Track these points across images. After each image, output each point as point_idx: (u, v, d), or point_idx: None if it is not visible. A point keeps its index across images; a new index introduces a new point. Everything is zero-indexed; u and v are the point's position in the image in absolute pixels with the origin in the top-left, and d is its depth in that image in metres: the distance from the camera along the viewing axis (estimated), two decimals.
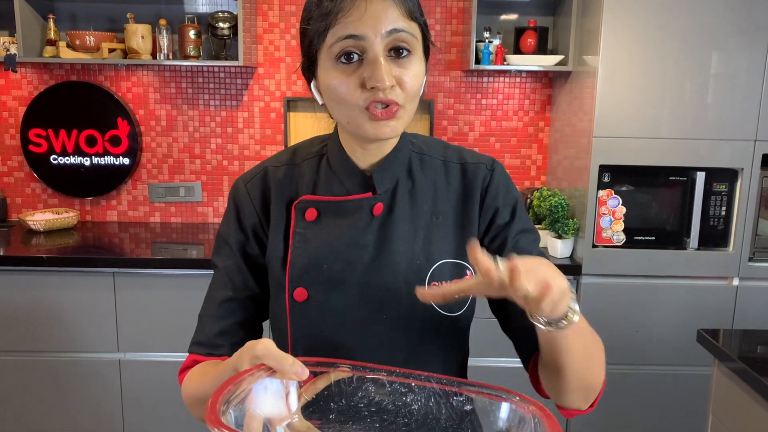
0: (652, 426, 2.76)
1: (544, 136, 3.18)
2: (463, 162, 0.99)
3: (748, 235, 2.61)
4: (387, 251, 0.91)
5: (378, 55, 0.82)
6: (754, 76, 2.50)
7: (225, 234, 0.99)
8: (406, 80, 0.84)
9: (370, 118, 0.84)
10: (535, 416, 0.67)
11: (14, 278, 2.64)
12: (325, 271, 0.91)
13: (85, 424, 2.79)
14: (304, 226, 0.93)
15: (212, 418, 0.62)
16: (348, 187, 0.94)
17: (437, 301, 0.77)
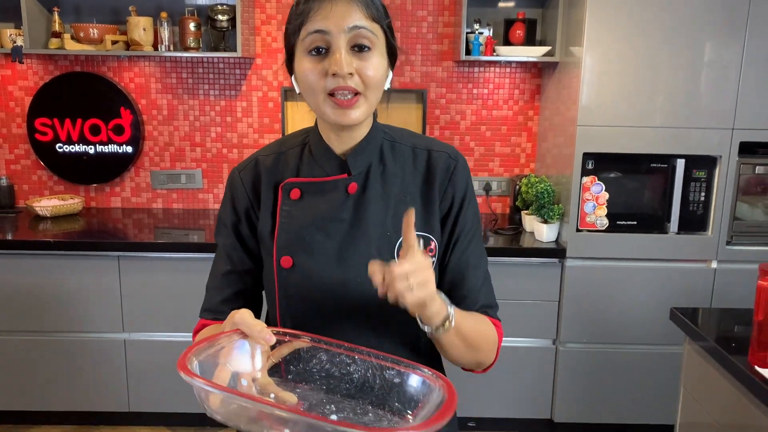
0: (632, 401, 2.88)
1: (533, 124, 3.28)
2: (430, 149, 1.13)
3: (726, 220, 2.71)
4: (361, 224, 1.05)
5: (339, 47, 0.96)
6: (731, 67, 2.60)
7: (223, 217, 1.14)
8: (365, 72, 0.98)
9: (332, 105, 0.98)
10: (441, 389, 0.82)
11: (23, 262, 2.76)
12: (307, 242, 1.05)
13: (92, 401, 2.92)
14: (289, 204, 1.07)
15: (181, 363, 0.78)
16: (326, 170, 1.08)
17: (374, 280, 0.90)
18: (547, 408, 2.93)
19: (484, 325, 1.09)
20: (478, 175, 3.33)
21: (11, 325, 2.83)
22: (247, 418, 0.77)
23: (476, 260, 1.13)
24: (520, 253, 2.76)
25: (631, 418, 2.90)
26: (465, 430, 3.01)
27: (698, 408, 1.93)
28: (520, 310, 2.81)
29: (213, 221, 3.13)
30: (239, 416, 0.77)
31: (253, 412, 0.75)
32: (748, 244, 2.74)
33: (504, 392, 2.91)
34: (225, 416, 0.78)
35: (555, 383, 2.89)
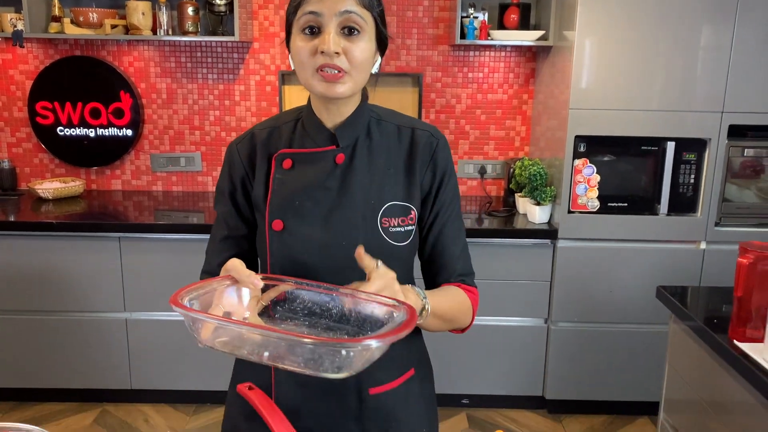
0: (622, 378, 2.95)
1: (528, 108, 3.33)
2: (413, 128, 1.21)
3: (715, 202, 2.77)
4: (347, 192, 1.13)
5: (330, 28, 1.04)
6: (722, 51, 2.64)
7: (221, 186, 1.23)
8: (352, 53, 1.05)
9: (320, 79, 1.07)
10: (404, 311, 0.93)
11: (26, 243, 2.82)
12: (297, 207, 1.13)
13: (95, 379, 2.99)
14: (282, 172, 1.15)
15: (173, 299, 0.92)
16: (317, 142, 1.16)
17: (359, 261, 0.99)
18: (538, 385, 3.01)
19: (459, 298, 1.19)
20: (473, 158, 3.38)
21: (15, 304, 2.89)
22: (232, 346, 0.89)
23: (455, 232, 1.23)
24: (513, 235, 2.82)
25: (620, 395, 2.98)
26: (459, 406, 3.08)
27: (683, 384, 2.00)
28: (513, 290, 2.87)
29: (212, 203, 3.18)
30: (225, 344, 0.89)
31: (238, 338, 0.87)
32: (736, 225, 2.80)
33: (497, 370, 2.98)
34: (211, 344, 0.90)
35: (547, 361, 2.96)
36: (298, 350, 0.85)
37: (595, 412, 3.05)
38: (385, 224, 1.14)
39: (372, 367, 1.09)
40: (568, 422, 3.01)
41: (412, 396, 1.24)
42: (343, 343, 0.84)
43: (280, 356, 0.86)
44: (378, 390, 1.19)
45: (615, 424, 2.99)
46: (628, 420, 3.01)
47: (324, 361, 0.84)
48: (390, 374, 1.20)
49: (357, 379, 1.10)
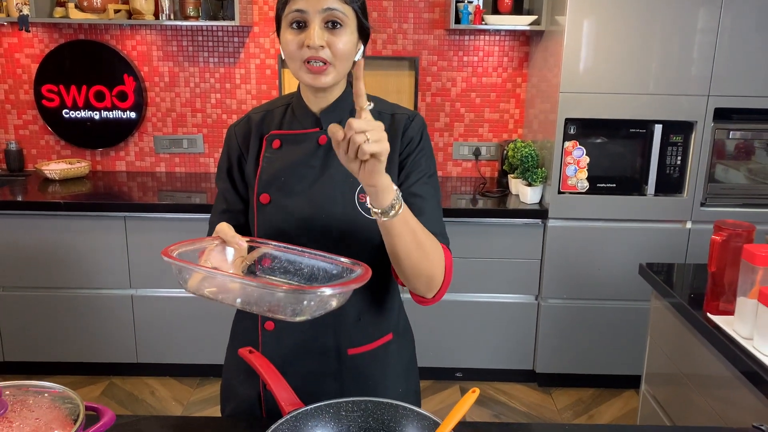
0: (609, 352, 3.07)
1: (522, 91, 3.40)
2: (393, 113, 1.31)
3: (701, 183, 2.86)
4: (328, 170, 1.25)
5: (314, 24, 1.14)
6: (707, 36, 2.71)
7: (221, 165, 1.35)
8: (335, 45, 1.16)
9: (307, 71, 1.17)
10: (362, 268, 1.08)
11: (34, 222, 2.92)
12: (283, 183, 1.25)
13: (102, 353, 3.11)
14: (271, 152, 1.28)
15: (165, 251, 1.08)
16: (303, 125, 1.28)
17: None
18: (529, 359, 3.12)
19: (430, 235, 1.20)
20: (468, 141, 3.47)
21: (25, 281, 3.00)
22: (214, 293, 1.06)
23: (428, 194, 1.27)
24: (505, 215, 2.92)
25: (608, 369, 3.09)
26: (452, 379, 3.20)
27: (664, 358, 2.10)
28: (505, 267, 2.98)
29: (214, 185, 3.27)
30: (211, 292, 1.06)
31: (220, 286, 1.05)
32: (721, 205, 2.89)
33: (489, 344, 3.10)
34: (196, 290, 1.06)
35: (537, 336, 3.07)
36: (266, 298, 1.00)
37: (583, 385, 3.17)
38: (362, 200, 1.24)
39: (351, 330, 1.28)
40: (557, 395, 3.12)
41: (391, 358, 1.36)
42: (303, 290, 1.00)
43: (249, 303, 1.02)
44: (356, 351, 1.30)
45: (602, 397, 3.11)
46: (614, 393, 3.13)
47: (286, 308, 0.99)
48: (367, 337, 1.32)
49: (336, 341, 1.29)
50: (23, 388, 1.05)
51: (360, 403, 1.08)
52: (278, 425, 1.01)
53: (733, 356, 1.62)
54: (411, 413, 1.06)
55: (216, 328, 3.06)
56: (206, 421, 1.26)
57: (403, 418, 1.07)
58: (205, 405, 3.00)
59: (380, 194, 1.04)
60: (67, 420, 0.96)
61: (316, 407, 1.07)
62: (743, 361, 1.56)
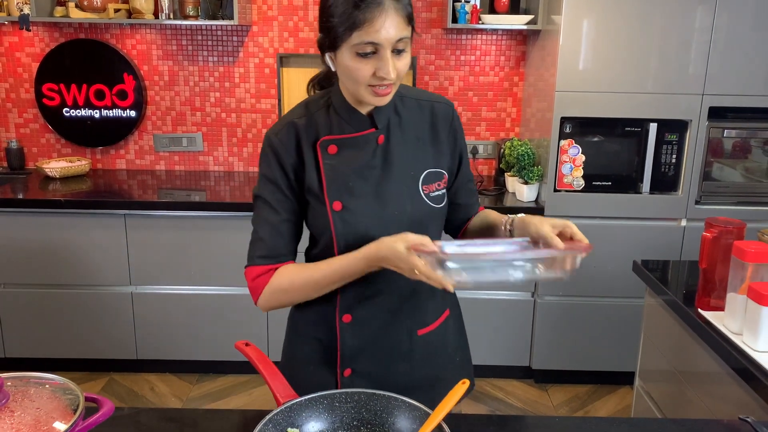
0: (604, 349, 3.09)
1: (518, 90, 3.43)
2: (431, 101, 1.38)
3: (695, 181, 2.88)
4: (391, 168, 1.30)
5: (387, 56, 1.16)
6: (702, 35, 2.73)
7: (270, 175, 1.31)
8: (400, 68, 1.19)
9: (372, 93, 1.20)
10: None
11: (35, 220, 2.94)
12: (350, 187, 1.28)
13: (102, 350, 3.14)
14: (329, 158, 1.29)
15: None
16: (356, 127, 1.30)
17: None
18: (525, 356, 3.15)
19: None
20: (466, 139, 3.48)
21: (25, 278, 3.03)
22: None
23: (471, 175, 1.50)
24: (502, 212, 2.92)
25: (604, 365, 3.12)
26: None
27: (657, 354, 2.13)
28: None
29: (213, 182, 3.30)
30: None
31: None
32: (715, 203, 2.91)
33: (486, 341, 3.12)
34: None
35: (533, 333, 3.10)
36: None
37: (579, 381, 3.20)
38: (426, 191, 1.31)
39: (420, 312, 1.39)
40: (553, 391, 3.15)
41: (449, 332, 1.47)
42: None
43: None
44: (424, 331, 1.40)
45: (598, 393, 3.13)
46: (610, 389, 3.16)
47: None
48: (433, 316, 1.41)
49: (409, 324, 1.38)
50: (24, 379, 1.07)
51: (353, 395, 1.11)
52: (272, 416, 1.04)
53: (723, 351, 1.64)
54: (403, 404, 1.09)
55: (215, 324, 3.09)
56: (204, 413, 1.29)
57: (395, 409, 1.09)
58: (204, 401, 3.03)
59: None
60: (67, 410, 0.99)
61: (310, 398, 1.09)
62: (733, 357, 1.58)
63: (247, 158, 3.53)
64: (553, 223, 1.24)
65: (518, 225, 1.33)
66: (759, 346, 1.56)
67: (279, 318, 3.07)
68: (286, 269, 1.32)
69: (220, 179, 3.37)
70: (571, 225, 1.24)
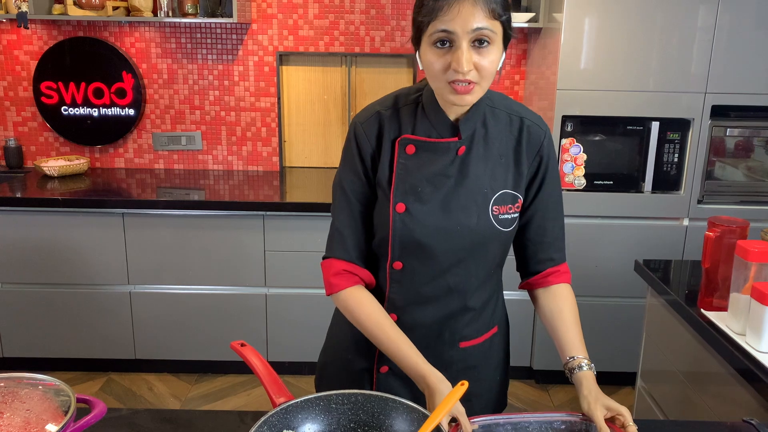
0: (607, 349, 3.07)
1: (520, 88, 3.41)
2: (522, 117, 1.29)
3: (698, 180, 2.86)
4: (465, 181, 1.25)
5: (462, 46, 1.09)
6: (705, 33, 2.71)
7: (351, 165, 1.29)
8: (482, 65, 1.11)
9: (451, 91, 1.13)
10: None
11: (33, 218, 2.93)
12: (419, 192, 1.24)
13: (100, 349, 3.12)
14: (405, 158, 1.25)
15: None
16: (439, 132, 1.24)
17: None
18: (526, 356, 3.13)
19: (574, 305, 1.46)
20: None
21: (23, 277, 3.01)
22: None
23: (558, 214, 1.36)
24: None
25: (606, 366, 3.08)
26: None
27: (659, 354, 2.11)
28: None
29: (212, 181, 3.29)
30: None
31: None
32: (718, 202, 2.89)
33: None
34: None
35: (534, 333, 3.08)
36: None
37: None
38: (496, 212, 1.25)
39: (466, 325, 1.35)
40: (554, 392, 3.13)
41: (494, 349, 1.43)
42: None
43: None
44: (467, 344, 1.36)
45: None
46: (611, 390, 3.13)
47: None
48: (478, 331, 1.37)
49: (452, 334, 1.34)
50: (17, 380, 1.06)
51: (350, 396, 1.09)
52: (267, 417, 1.02)
53: (726, 352, 1.62)
54: (400, 406, 1.07)
55: (214, 324, 3.07)
56: (199, 414, 1.27)
57: (393, 411, 1.07)
58: (202, 401, 3.01)
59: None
60: (58, 412, 0.97)
61: (306, 400, 1.07)
62: (736, 358, 1.57)
63: (246, 157, 3.51)
64: (608, 406, 1.20)
65: (576, 381, 1.34)
66: (762, 347, 1.54)
67: (278, 318, 3.06)
68: (363, 296, 1.30)
69: (219, 178, 3.35)
70: (625, 413, 1.18)
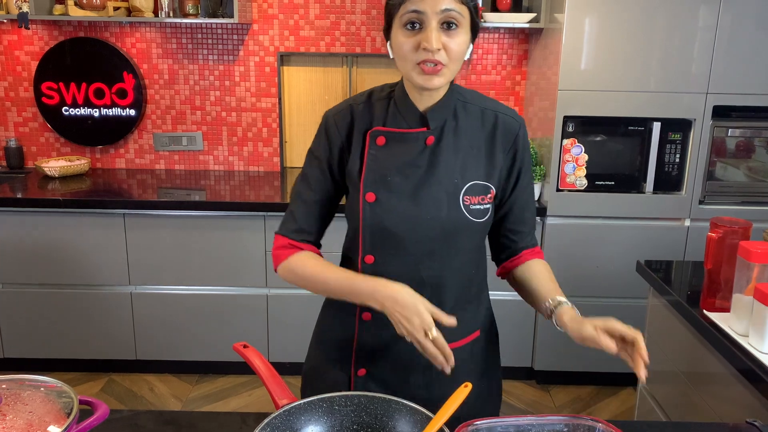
0: None
1: (521, 89, 3.40)
2: (497, 112, 1.31)
3: (699, 180, 2.86)
4: (434, 171, 1.25)
5: (431, 25, 1.12)
6: (706, 33, 2.71)
7: (318, 153, 1.32)
8: (451, 46, 1.14)
9: (420, 72, 1.16)
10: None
11: (34, 219, 2.92)
12: (388, 182, 1.25)
13: (101, 350, 3.12)
14: (376, 149, 1.26)
15: None
16: (409, 123, 1.27)
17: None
18: (527, 357, 3.12)
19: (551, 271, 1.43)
20: None
21: (24, 278, 3.01)
22: None
23: (531, 203, 1.38)
24: None
25: (606, 367, 3.09)
26: None
27: (661, 356, 2.10)
28: None
29: (213, 182, 3.28)
30: None
31: None
32: (719, 203, 2.89)
33: None
34: None
35: (535, 334, 3.08)
36: None
37: (581, 382, 3.17)
38: (467, 202, 1.25)
39: (443, 327, 1.30)
40: (555, 392, 3.13)
41: (476, 355, 1.39)
42: None
43: None
44: None
45: (600, 395, 3.11)
46: (612, 391, 3.14)
47: None
48: (458, 334, 1.33)
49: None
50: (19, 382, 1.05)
51: (353, 398, 1.09)
52: (271, 419, 1.02)
53: (728, 353, 1.62)
54: (403, 407, 1.07)
55: (214, 325, 3.07)
56: (202, 415, 1.27)
57: (396, 412, 1.07)
58: (204, 402, 3.01)
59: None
60: (60, 414, 0.97)
61: (309, 401, 1.07)
62: (739, 358, 1.56)
63: (247, 157, 3.51)
64: (594, 324, 1.19)
65: (558, 317, 1.32)
66: (765, 348, 1.54)
67: (280, 319, 3.05)
68: (306, 255, 1.31)
69: (220, 178, 3.35)
70: (613, 321, 1.17)
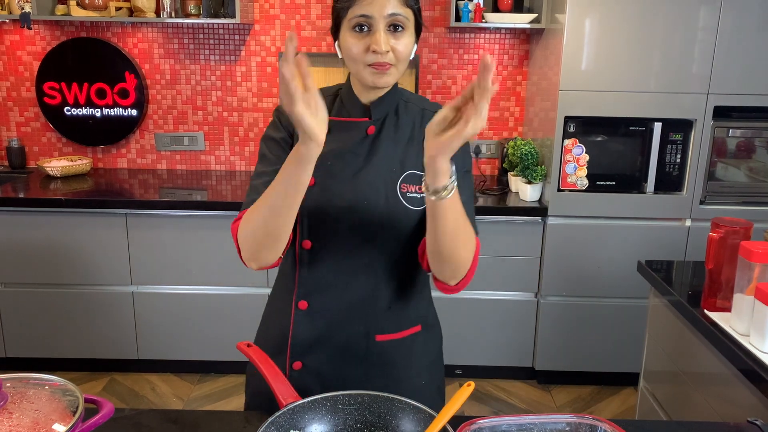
0: (608, 350, 3.08)
1: (522, 89, 3.41)
2: (434, 110, 1.29)
3: (700, 180, 2.86)
4: (373, 159, 1.29)
5: (379, 29, 1.18)
6: (707, 34, 2.72)
7: (273, 134, 1.34)
8: (398, 48, 1.20)
9: (371, 72, 1.22)
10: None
11: (36, 219, 2.93)
12: (329, 166, 1.28)
13: (103, 350, 3.12)
14: None
15: None
16: (352, 114, 1.32)
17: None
18: (528, 356, 3.13)
19: (468, 223, 1.23)
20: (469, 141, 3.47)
21: (26, 278, 3.02)
22: None
23: (464, 187, 1.31)
24: (505, 212, 2.92)
25: (607, 366, 3.10)
26: (452, 376, 3.21)
27: (662, 355, 2.11)
28: (505, 265, 2.98)
29: (215, 182, 3.29)
30: None
31: None
32: (720, 203, 2.90)
33: (489, 342, 3.11)
34: None
35: (536, 334, 3.08)
36: None
37: (582, 382, 3.18)
38: (404, 189, 1.28)
39: (380, 317, 1.34)
40: (556, 392, 3.13)
41: (417, 350, 1.39)
42: None
43: None
44: (384, 338, 1.34)
45: (601, 394, 3.11)
46: (613, 390, 3.14)
47: None
48: (396, 326, 1.35)
49: (366, 326, 1.33)
50: (24, 380, 1.06)
51: (356, 397, 1.09)
52: (275, 418, 1.03)
53: (729, 353, 1.62)
54: (407, 406, 1.07)
55: (216, 324, 3.07)
56: (205, 414, 1.27)
57: (399, 411, 1.08)
58: (205, 401, 3.02)
59: (441, 174, 1.06)
60: (66, 412, 0.97)
61: (313, 400, 1.08)
62: (740, 358, 1.57)
63: (248, 157, 3.51)
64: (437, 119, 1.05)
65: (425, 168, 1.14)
66: (766, 348, 1.55)
67: None
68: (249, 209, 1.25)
69: (222, 178, 3.35)
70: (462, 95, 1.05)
